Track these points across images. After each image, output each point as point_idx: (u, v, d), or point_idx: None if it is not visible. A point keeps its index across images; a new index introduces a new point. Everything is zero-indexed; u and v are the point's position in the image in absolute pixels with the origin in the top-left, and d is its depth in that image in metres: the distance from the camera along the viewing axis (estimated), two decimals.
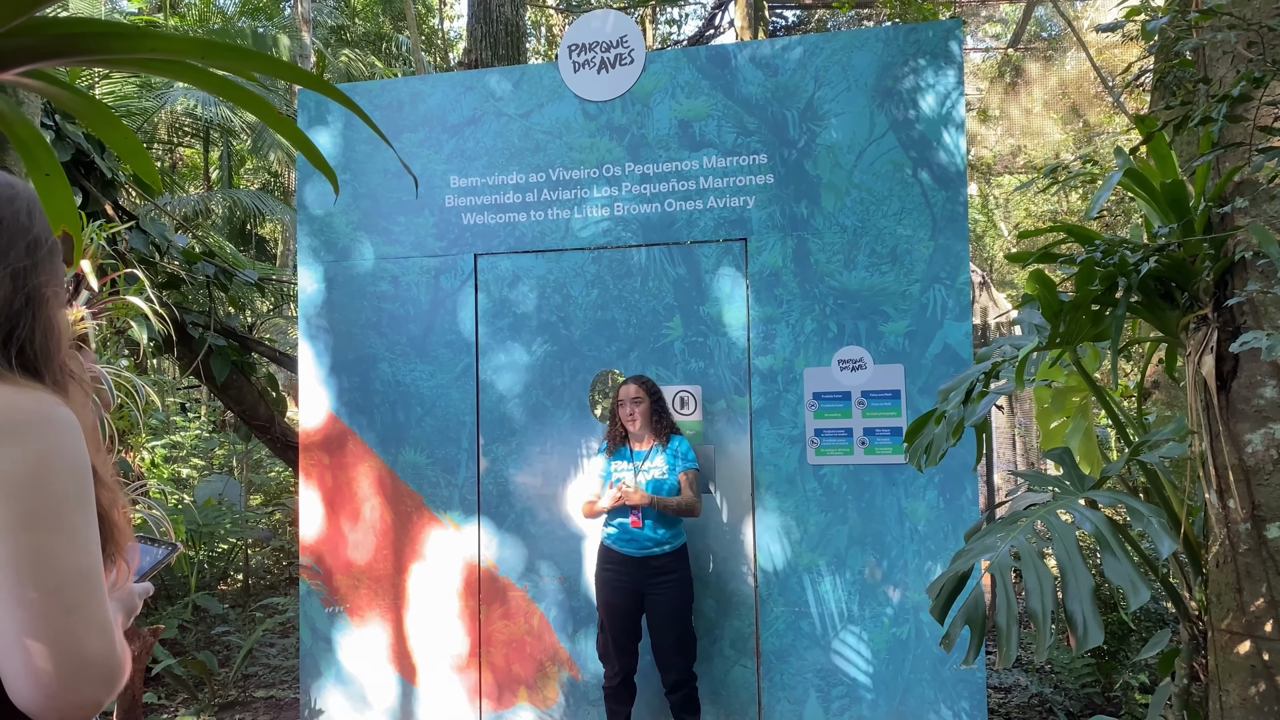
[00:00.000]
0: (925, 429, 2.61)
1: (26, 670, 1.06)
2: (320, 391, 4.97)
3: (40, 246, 1.26)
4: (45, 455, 1.12)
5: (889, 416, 4.32)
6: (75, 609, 1.09)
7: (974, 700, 4.19)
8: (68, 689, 1.08)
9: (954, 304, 4.28)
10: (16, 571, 1.07)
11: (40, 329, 1.24)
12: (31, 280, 1.24)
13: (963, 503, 4.23)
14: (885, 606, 4.29)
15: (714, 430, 4.55)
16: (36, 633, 1.07)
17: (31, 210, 1.27)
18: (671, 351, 4.59)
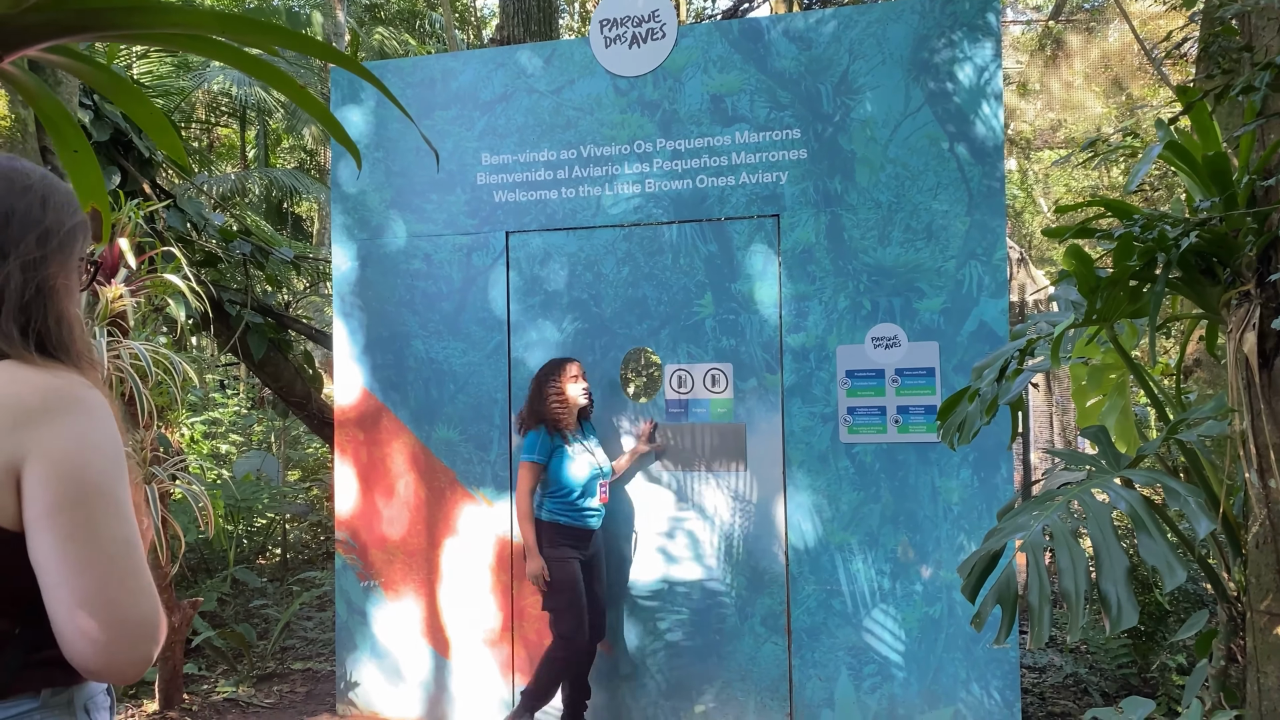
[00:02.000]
0: (959, 407, 2.58)
1: (86, 634, 1.15)
2: (354, 368, 5.01)
3: (51, 238, 1.30)
4: (86, 434, 1.20)
5: (923, 395, 4.28)
6: (126, 576, 1.19)
7: (1007, 679, 4.17)
8: (125, 647, 1.18)
9: (990, 280, 4.22)
10: (72, 544, 1.16)
11: (53, 319, 1.29)
12: (42, 271, 1.28)
13: (997, 481, 4.19)
14: (917, 585, 4.26)
15: (745, 408, 4.54)
16: (93, 599, 1.15)
17: (46, 201, 1.31)
18: (703, 329, 4.57)
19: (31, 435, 1.17)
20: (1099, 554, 2.10)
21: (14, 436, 1.17)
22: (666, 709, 4.64)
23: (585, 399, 4.40)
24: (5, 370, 1.21)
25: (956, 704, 4.20)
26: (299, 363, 7.49)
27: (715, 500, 4.57)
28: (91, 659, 1.17)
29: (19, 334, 1.25)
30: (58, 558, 1.16)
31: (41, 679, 1.24)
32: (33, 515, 1.17)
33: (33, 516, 1.17)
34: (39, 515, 1.16)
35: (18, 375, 1.21)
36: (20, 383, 1.20)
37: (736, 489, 4.53)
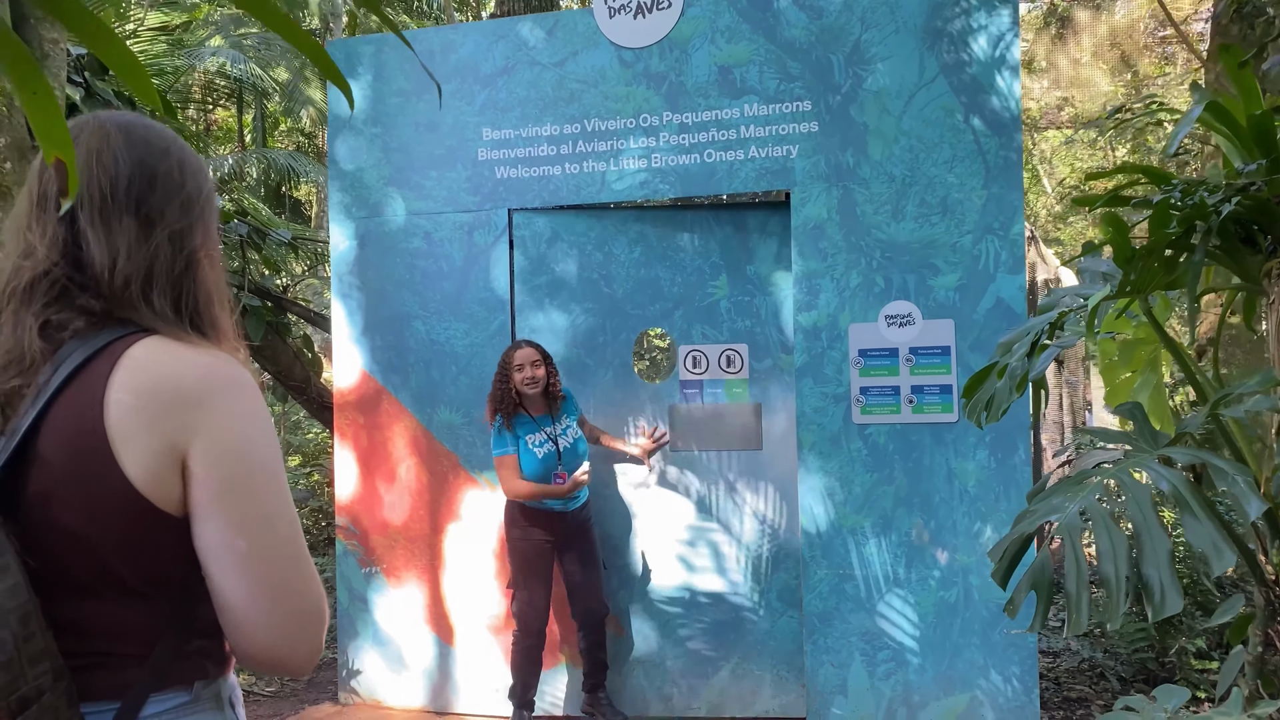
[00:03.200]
0: (985, 383, 2.46)
1: (268, 624, 1.12)
2: (354, 350, 4.89)
3: (194, 205, 1.24)
4: (249, 415, 1.15)
5: (938, 374, 4.16)
6: (300, 561, 1.15)
7: (1025, 665, 4.07)
8: (306, 636, 1.15)
9: (1007, 256, 4.10)
10: (247, 530, 1.11)
11: (202, 294, 1.23)
12: (189, 243, 1.23)
13: (1015, 462, 4.08)
14: (933, 569, 4.16)
15: (759, 389, 4.48)
16: (273, 587, 1.12)
17: (184, 165, 1.24)
18: (717, 310, 4.47)
19: (196, 417, 1.11)
20: (1140, 537, 1.99)
21: (178, 419, 1.10)
22: (683, 687, 4.55)
23: (531, 388, 4.21)
24: (159, 348, 1.14)
25: (973, 690, 4.11)
26: (298, 346, 7.37)
27: (733, 481, 4.49)
28: (272, 649, 1.14)
29: (172, 311, 1.19)
30: (231, 545, 1.11)
31: (193, 670, 1.18)
32: (202, 500, 1.11)
33: (202, 501, 1.11)
34: (210, 500, 1.11)
35: (174, 353, 1.14)
36: (178, 361, 1.14)
37: (751, 469, 4.46)
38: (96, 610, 1.11)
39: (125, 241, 1.17)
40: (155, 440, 1.09)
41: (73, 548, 1.09)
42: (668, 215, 4.65)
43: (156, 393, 1.10)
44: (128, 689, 1.12)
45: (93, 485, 1.09)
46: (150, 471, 1.09)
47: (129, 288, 1.16)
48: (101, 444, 1.08)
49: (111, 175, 1.18)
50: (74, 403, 1.09)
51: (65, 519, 1.09)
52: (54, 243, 1.16)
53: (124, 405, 1.09)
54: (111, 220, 1.17)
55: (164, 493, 1.11)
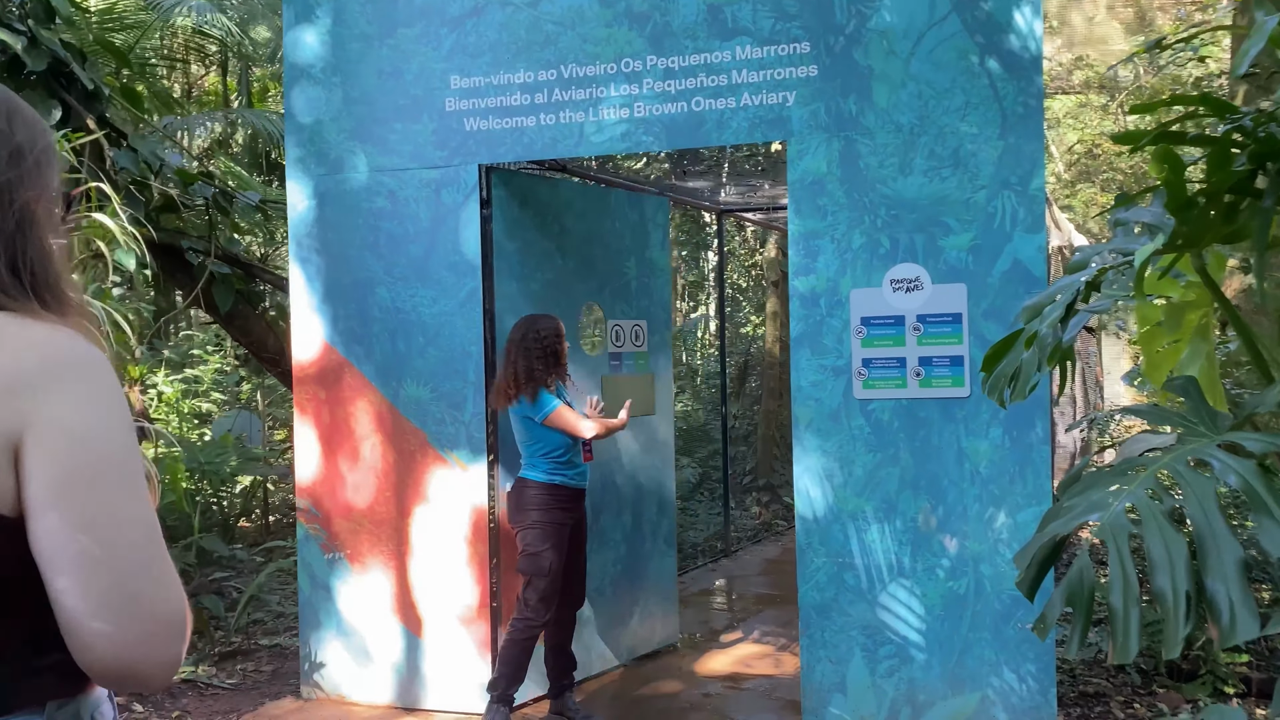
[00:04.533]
0: (1010, 354, 2.09)
1: (106, 636, 0.97)
2: (314, 320, 4.52)
3: (24, 157, 1.11)
4: (96, 399, 1.03)
5: (948, 344, 3.78)
6: (150, 564, 1.01)
7: (1041, 662, 3.72)
8: (153, 650, 1.00)
9: (1026, 214, 3.71)
10: (86, 530, 0.98)
11: (39, 255, 1.11)
12: (18, 196, 1.09)
13: (1032, 441, 3.71)
14: (941, 558, 3.80)
15: (653, 360, 5.19)
16: (114, 595, 0.98)
17: (11, 115, 1.12)
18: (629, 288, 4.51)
19: (32, 403, 0.99)
20: (1202, 541, 1.62)
21: (10, 404, 0.98)
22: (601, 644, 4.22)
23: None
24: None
25: (984, 689, 3.76)
26: (270, 316, 7.01)
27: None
28: (113, 665, 1.00)
29: (9, 274, 1.07)
30: (69, 546, 0.98)
31: (45, 689, 1.05)
32: (37, 496, 0.98)
33: (37, 498, 0.98)
34: (44, 496, 0.98)
35: (10, 331, 1.03)
36: (15, 339, 1.02)
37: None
38: None
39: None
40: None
41: None
42: (600, 194, 5.14)
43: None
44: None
45: None
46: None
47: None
48: None
49: None
50: None
51: None
52: None
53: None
54: None
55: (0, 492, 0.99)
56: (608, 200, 5.10)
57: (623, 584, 4.93)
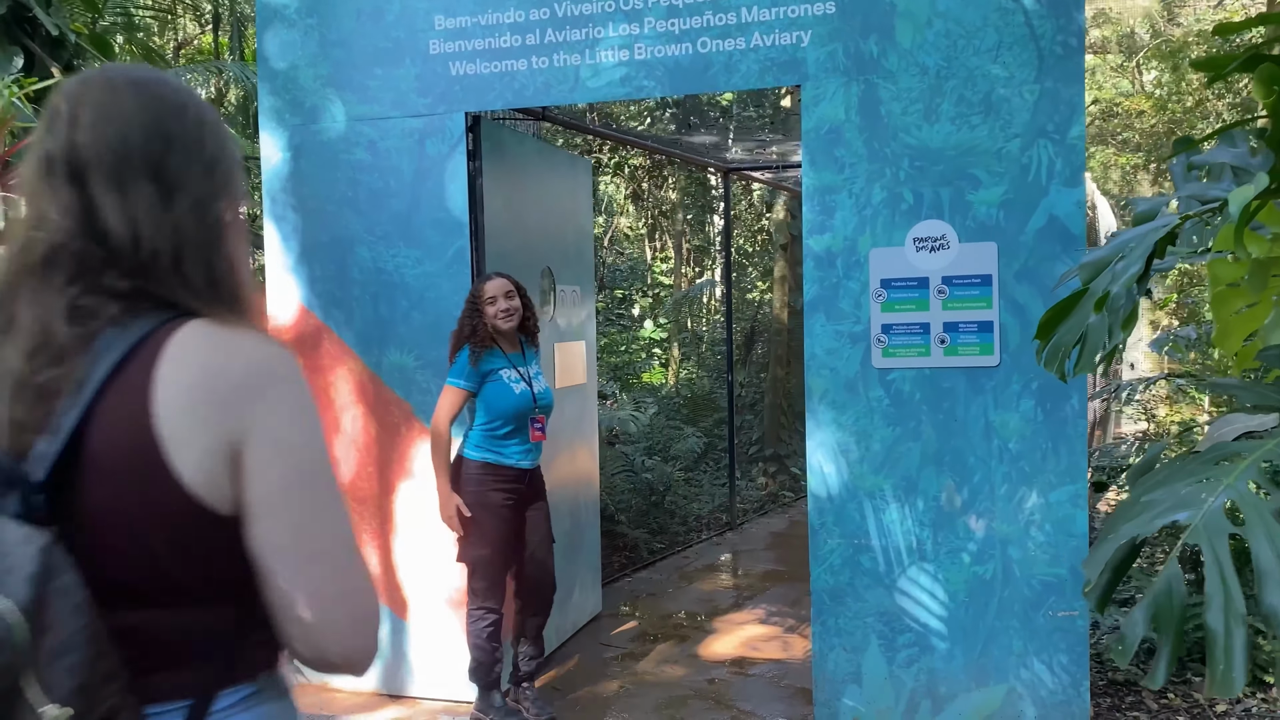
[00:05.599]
0: (1071, 317, 1.77)
1: (325, 626, 1.05)
2: (290, 281, 4.21)
3: (217, 169, 1.14)
4: (304, 408, 1.09)
5: (976, 308, 3.46)
6: (356, 563, 1.10)
7: (1073, 653, 3.43)
8: (362, 639, 1.08)
9: (1064, 165, 3.37)
10: (305, 530, 1.06)
11: (227, 262, 1.13)
12: (213, 207, 1.13)
13: (1066, 414, 3.40)
14: (966, 540, 3.51)
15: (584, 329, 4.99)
16: (331, 590, 1.06)
17: (204, 124, 1.14)
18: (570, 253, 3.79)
19: (251, 412, 1.04)
20: None
21: (232, 414, 1.03)
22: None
23: (506, 322, 3.67)
24: (202, 336, 1.06)
25: (1010, 681, 3.48)
26: (259, 280, 6.69)
27: None
28: (331, 651, 1.07)
29: (204, 282, 1.10)
30: (291, 545, 1.05)
31: (257, 663, 1.14)
32: (259, 499, 1.05)
33: (259, 500, 1.05)
34: (264, 501, 1.05)
35: (220, 342, 1.06)
36: (226, 350, 1.06)
37: None
38: (156, 616, 1.06)
39: (143, 207, 1.07)
40: (209, 439, 1.03)
41: (126, 554, 1.04)
42: (549, 152, 5.06)
43: (207, 388, 1.04)
44: (195, 688, 1.09)
45: (145, 488, 1.03)
46: (204, 471, 1.03)
47: (157, 262, 1.07)
48: (151, 445, 1.02)
49: (123, 134, 1.07)
50: (119, 401, 1.02)
51: (117, 525, 1.03)
52: (67, 210, 1.05)
53: (174, 403, 1.02)
54: (127, 184, 1.06)
55: (217, 492, 1.05)
56: (555, 159, 5.02)
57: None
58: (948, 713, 3.55)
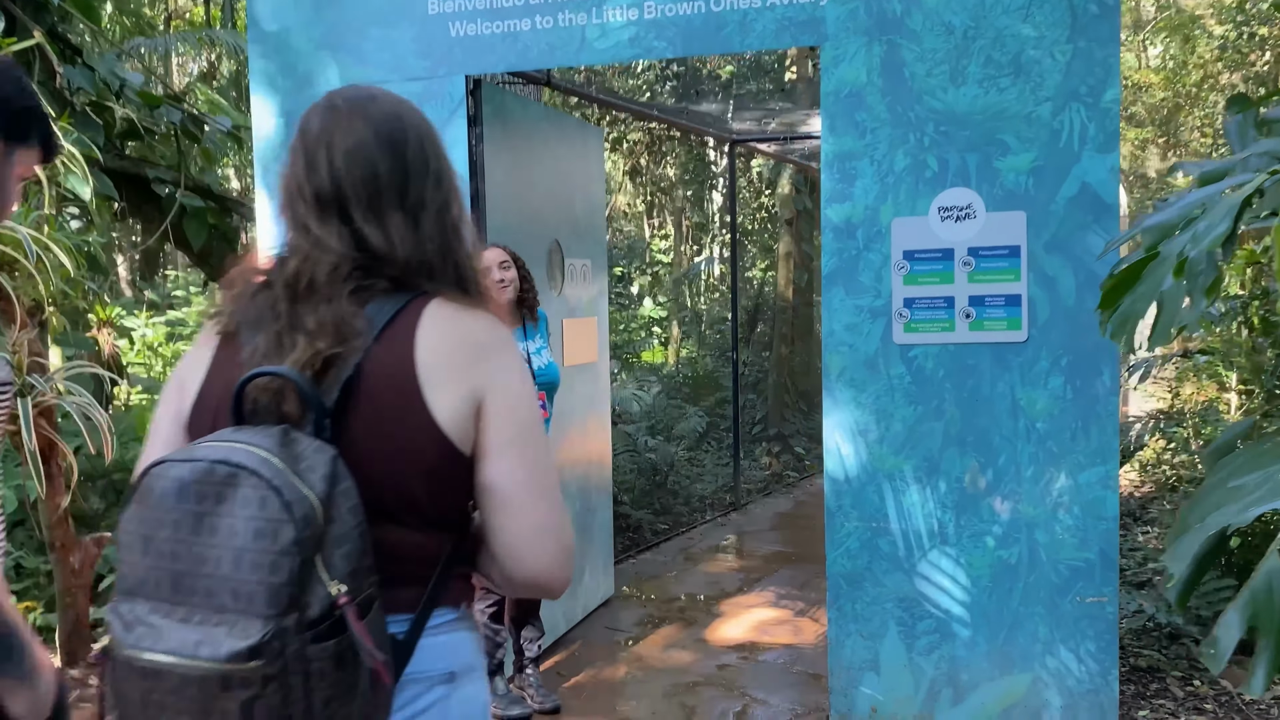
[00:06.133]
0: (1143, 283, 1.60)
1: (544, 556, 1.27)
2: None
3: (443, 179, 1.36)
4: (525, 372, 1.34)
5: (1004, 281, 3.31)
6: (560, 503, 1.32)
7: (1102, 641, 3.30)
8: (567, 568, 1.31)
9: (1097, 130, 3.20)
10: (531, 473, 1.28)
11: (462, 255, 1.36)
12: (448, 216, 1.36)
13: (1097, 392, 3.25)
14: (990, 523, 3.36)
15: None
16: (549, 524, 1.28)
17: (422, 138, 1.36)
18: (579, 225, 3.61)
19: (491, 369, 1.28)
20: None
21: (477, 369, 1.27)
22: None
23: (501, 294, 3.55)
24: (450, 308, 1.30)
25: (1035, 669, 3.35)
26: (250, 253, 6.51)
27: None
28: (541, 575, 1.29)
29: (452, 279, 1.34)
30: (522, 485, 1.26)
31: (462, 593, 1.35)
32: (496, 442, 1.26)
33: (496, 443, 1.26)
34: (503, 442, 1.26)
35: (463, 313, 1.31)
36: (470, 320, 1.31)
37: None
38: (401, 535, 1.25)
39: (399, 232, 1.31)
40: (461, 388, 1.25)
41: (386, 479, 1.23)
42: (558, 118, 4.94)
43: (459, 347, 1.28)
44: (417, 604, 1.27)
45: (406, 425, 1.24)
46: (455, 414, 1.25)
47: (413, 265, 1.32)
48: (413, 390, 1.24)
49: (373, 173, 1.31)
50: (387, 354, 1.25)
51: (382, 453, 1.23)
52: (341, 237, 1.29)
53: (432, 357, 1.25)
54: (384, 215, 1.31)
55: (462, 434, 1.25)
56: (565, 126, 4.80)
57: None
58: (969, 702, 3.41)
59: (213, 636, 1.08)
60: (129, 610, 1.14)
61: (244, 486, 1.11)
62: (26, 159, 1.49)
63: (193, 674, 1.08)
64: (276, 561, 1.08)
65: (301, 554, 1.09)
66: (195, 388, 1.33)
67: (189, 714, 1.09)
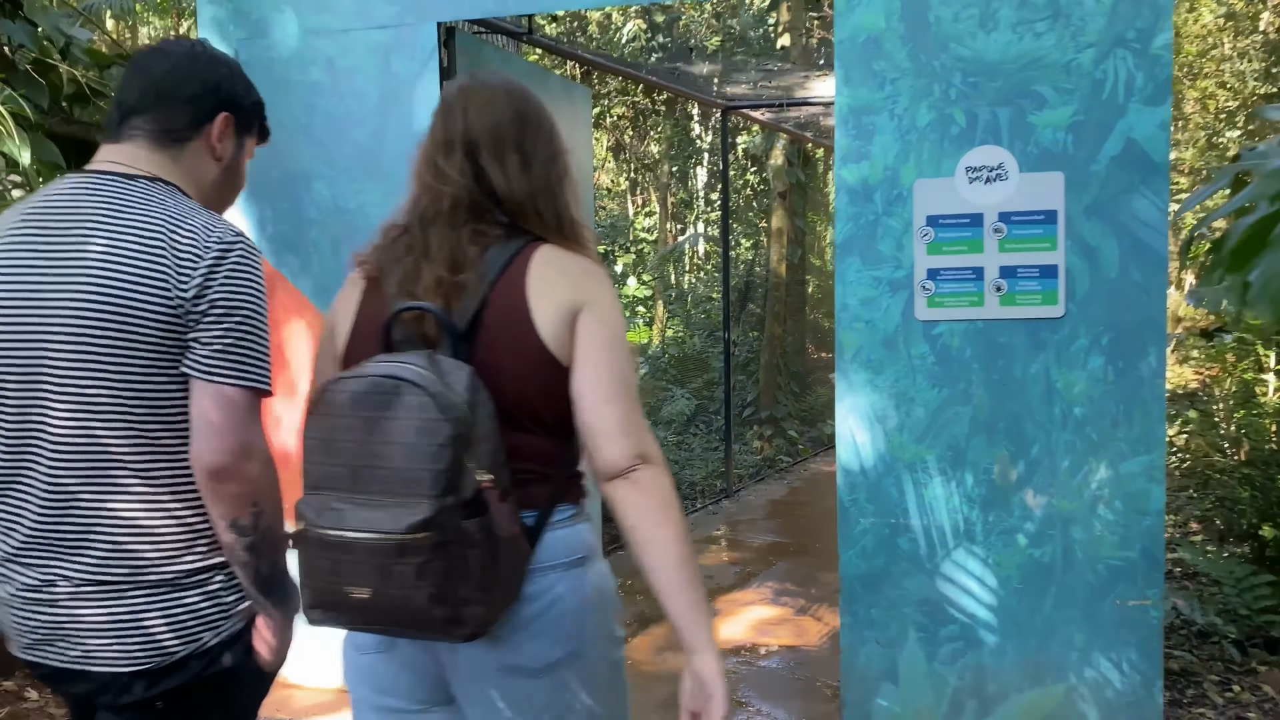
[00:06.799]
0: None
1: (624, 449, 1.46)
2: (237, 222, 3.64)
3: (554, 140, 1.64)
4: (615, 298, 1.57)
5: (1039, 249, 2.97)
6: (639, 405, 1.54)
7: (1145, 649, 2.99)
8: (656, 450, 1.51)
9: (1146, 80, 2.86)
10: (618, 378, 1.50)
11: (565, 205, 1.62)
12: (554, 169, 1.62)
13: (1143, 373, 2.92)
14: (1022, 519, 3.04)
15: None
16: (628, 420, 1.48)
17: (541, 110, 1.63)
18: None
19: (586, 290, 1.52)
20: None
21: (573, 291, 1.51)
22: None
23: None
24: (555, 249, 1.56)
25: (1070, 679, 3.03)
26: None
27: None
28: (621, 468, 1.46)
29: (554, 221, 1.59)
30: (608, 386, 1.49)
31: (577, 491, 1.60)
32: (589, 351, 1.49)
33: (589, 352, 1.49)
34: (594, 351, 1.49)
35: (566, 253, 1.57)
36: (570, 259, 1.56)
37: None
38: (524, 440, 1.49)
39: (514, 171, 1.56)
40: (560, 306, 1.49)
41: (509, 391, 1.47)
42: (541, 75, 3.72)
43: (561, 275, 1.53)
44: (541, 500, 1.52)
45: (521, 345, 1.49)
46: (555, 328, 1.49)
47: (523, 205, 1.57)
48: (525, 316, 1.49)
49: (498, 121, 1.57)
50: (505, 288, 1.50)
51: (504, 370, 1.48)
52: (464, 173, 1.55)
53: (537, 287, 1.50)
54: (503, 157, 1.56)
55: (562, 348, 1.50)
56: (549, 85, 4.33)
57: None
58: (997, 715, 3.10)
59: (390, 515, 1.33)
60: (316, 500, 1.39)
61: (407, 395, 1.36)
62: (251, 145, 1.78)
63: (375, 545, 1.33)
64: (438, 453, 1.33)
65: (456, 447, 1.34)
66: (347, 327, 1.60)
67: (371, 577, 1.34)
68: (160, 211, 1.52)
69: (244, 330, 1.54)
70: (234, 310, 1.53)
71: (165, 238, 1.50)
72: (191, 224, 1.53)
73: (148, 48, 1.72)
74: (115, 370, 1.49)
